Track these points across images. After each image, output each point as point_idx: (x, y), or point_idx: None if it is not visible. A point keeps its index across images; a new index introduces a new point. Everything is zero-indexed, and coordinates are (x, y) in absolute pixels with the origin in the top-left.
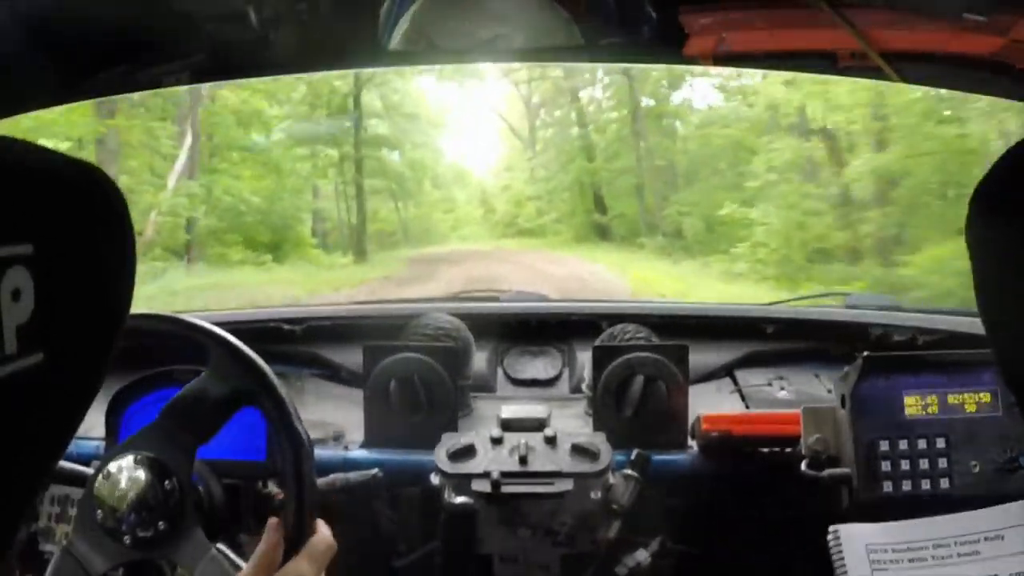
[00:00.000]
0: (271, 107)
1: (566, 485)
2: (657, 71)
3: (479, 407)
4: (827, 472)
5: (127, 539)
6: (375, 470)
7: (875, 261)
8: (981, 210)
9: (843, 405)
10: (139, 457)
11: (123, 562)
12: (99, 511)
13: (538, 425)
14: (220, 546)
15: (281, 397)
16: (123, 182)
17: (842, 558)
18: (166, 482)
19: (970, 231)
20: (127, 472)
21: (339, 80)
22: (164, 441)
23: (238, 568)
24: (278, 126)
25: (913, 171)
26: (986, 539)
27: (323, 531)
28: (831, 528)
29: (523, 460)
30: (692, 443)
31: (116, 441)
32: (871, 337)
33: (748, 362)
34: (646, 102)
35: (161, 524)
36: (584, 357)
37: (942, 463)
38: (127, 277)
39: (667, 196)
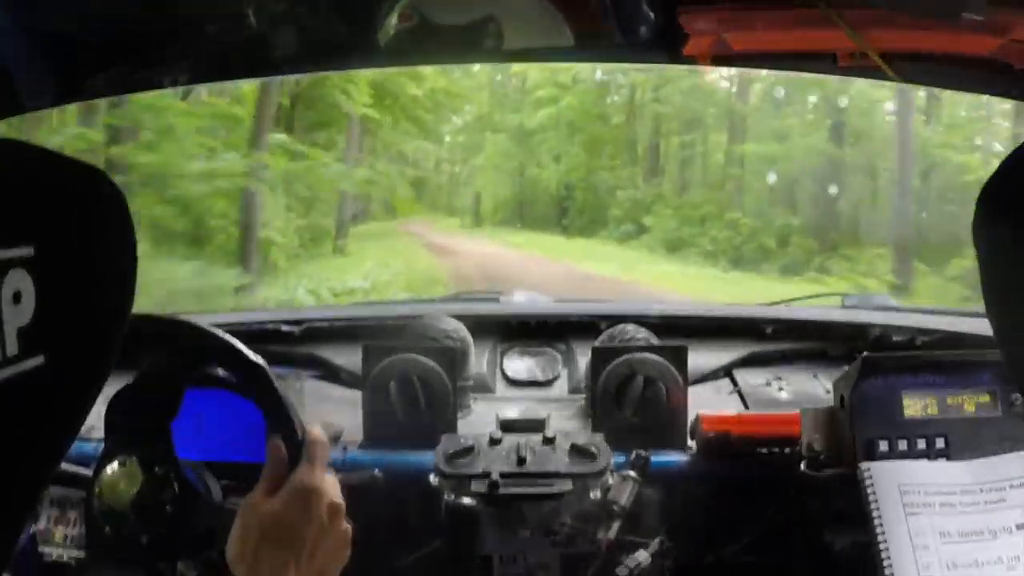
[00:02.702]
0: None
1: (565, 486)
2: None
3: (478, 408)
4: (826, 472)
5: (144, 539)
6: (374, 471)
7: None
8: (988, 210)
9: (842, 405)
10: (122, 459)
11: (140, 564)
12: (107, 528)
13: (537, 426)
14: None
15: (222, 340)
16: None
17: (875, 497)
18: (155, 469)
19: (977, 232)
20: (119, 476)
21: None
22: (135, 434)
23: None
24: None
25: None
26: (1011, 486)
27: (313, 434)
28: (863, 464)
29: (522, 461)
30: (691, 443)
31: (115, 442)
32: (870, 337)
33: (747, 362)
34: None
35: (168, 508)
36: (583, 358)
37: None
38: (128, 279)
39: None
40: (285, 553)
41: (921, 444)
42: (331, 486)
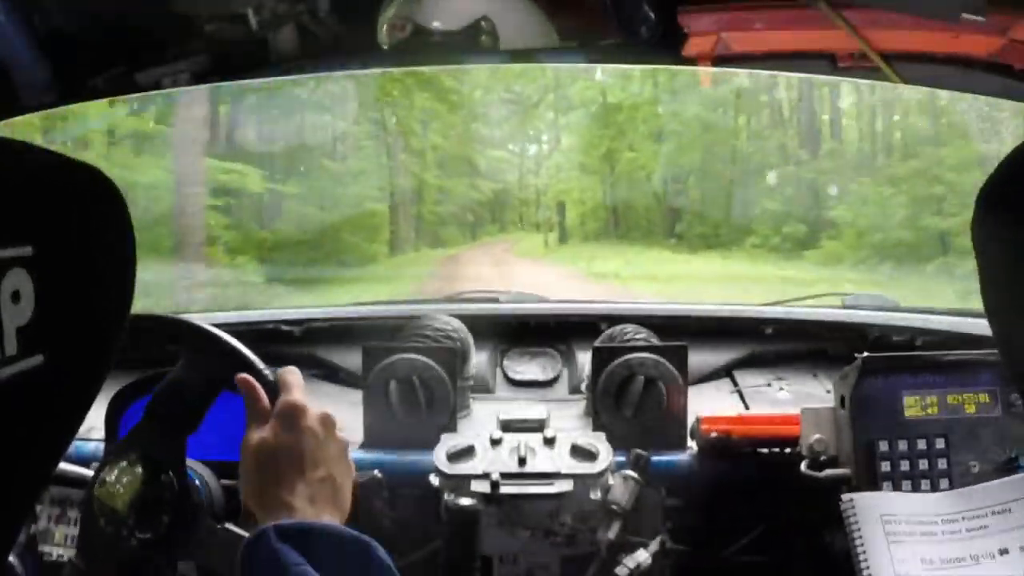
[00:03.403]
0: None
1: (565, 486)
2: None
3: (478, 408)
4: (826, 473)
5: (133, 542)
6: (374, 471)
7: None
8: (988, 209)
9: (842, 405)
10: (132, 458)
11: (133, 566)
12: (101, 519)
13: (537, 426)
14: (228, 525)
15: (258, 370)
16: None
17: (858, 527)
18: (162, 476)
19: (976, 231)
20: (122, 475)
21: None
22: (152, 438)
23: None
24: None
25: None
26: (993, 513)
27: (283, 370)
28: (845, 496)
29: (522, 461)
30: (691, 444)
31: (116, 441)
32: (870, 337)
33: (747, 363)
34: None
35: (164, 519)
36: (583, 358)
37: (941, 463)
38: (127, 278)
39: None
40: (288, 472)
41: (921, 444)
42: (315, 406)
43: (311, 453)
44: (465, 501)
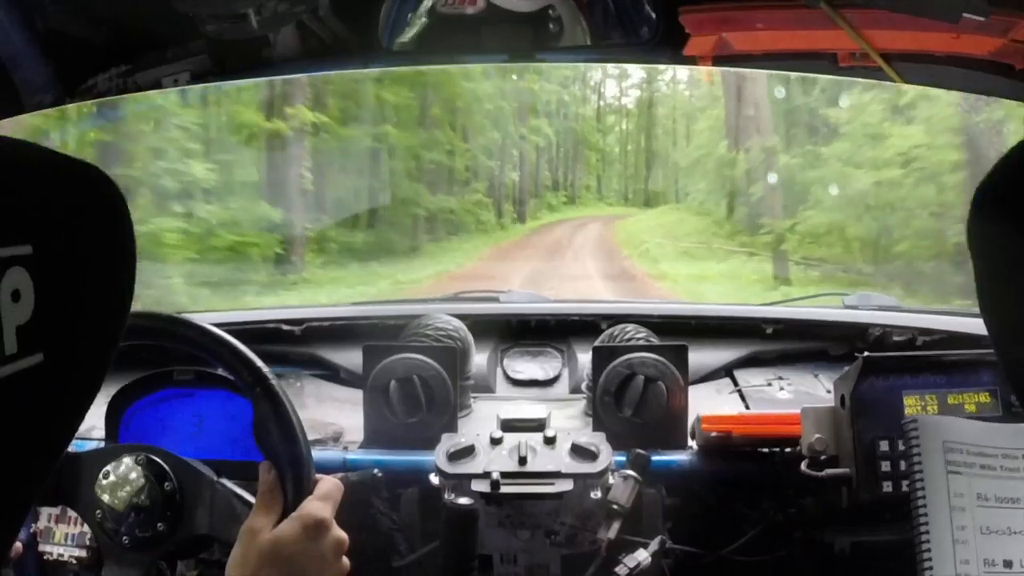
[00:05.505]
0: None
1: (566, 485)
2: None
3: (479, 407)
4: (827, 472)
5: (126, 540)
6: (375, 470)
7: None
8: (984, 209)
9: (843, 405)
10: (133, 458)
11: (133, 565)
12: (99, 511)
13: (538, 425)
14: (224, 480)
15: (306, 467)
16: None
17: (919, 452)
18: (165, 483)
19: (972, 230)
20: (118, 479)
21: None
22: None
23: (246, 502)
24: None
25: None
26: None
27: (329, 478)
28: (909, 415)
29: (523, 460)
30: (692, 443)
31: (116, 441)
32: (870, 337)
33: (748, 362)
34: None
35: (160, 526)
36: (584, 357)
37: None
38: (127, 277)
39: None
40: None
41: None
42: (337, 526)
43: (313, 574)
44: (465, 500)
